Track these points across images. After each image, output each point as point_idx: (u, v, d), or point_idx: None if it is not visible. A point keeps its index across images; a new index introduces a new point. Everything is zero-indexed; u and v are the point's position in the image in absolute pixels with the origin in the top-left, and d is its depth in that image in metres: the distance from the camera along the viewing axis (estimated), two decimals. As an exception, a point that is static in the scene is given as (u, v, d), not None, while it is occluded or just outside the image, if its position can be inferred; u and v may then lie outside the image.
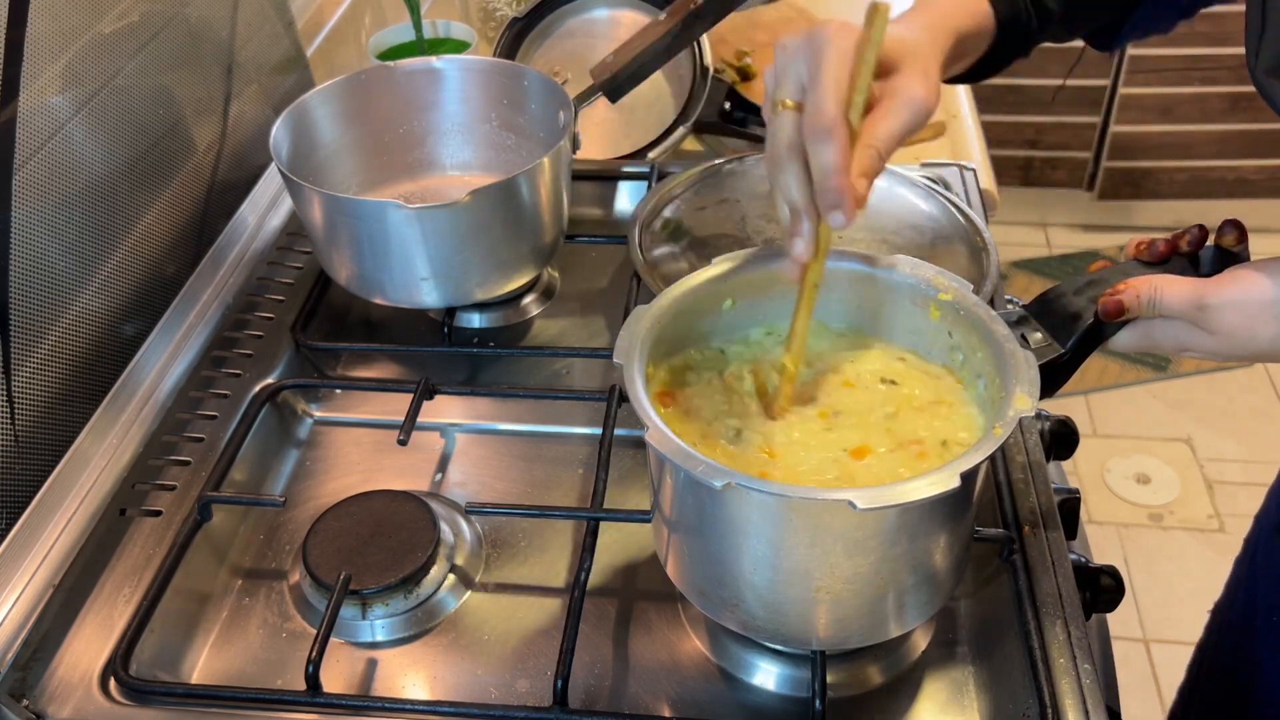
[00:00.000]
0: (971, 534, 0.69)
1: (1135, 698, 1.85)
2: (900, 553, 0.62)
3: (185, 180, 1.01)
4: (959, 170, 1.12)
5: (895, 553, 0.61)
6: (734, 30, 1.52)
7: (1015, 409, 0.60)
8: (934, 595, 0.67)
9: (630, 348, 0.67)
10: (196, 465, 0.83)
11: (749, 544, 0.62)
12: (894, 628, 0.67)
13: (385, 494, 0.81)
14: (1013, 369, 0.63)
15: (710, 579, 0.67)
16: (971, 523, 0.68)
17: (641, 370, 0.66)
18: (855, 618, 0.65)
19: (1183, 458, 2.25)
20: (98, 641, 0.72)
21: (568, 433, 0.90)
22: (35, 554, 0.75)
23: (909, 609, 0.66)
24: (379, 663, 0.73)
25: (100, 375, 0.87)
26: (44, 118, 0.82)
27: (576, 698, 0.70)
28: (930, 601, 0.67)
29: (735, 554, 0.63)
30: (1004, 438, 0.59)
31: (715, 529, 0.64)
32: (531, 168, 0.89)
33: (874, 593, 0.63)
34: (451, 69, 1.04)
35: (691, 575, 0.69)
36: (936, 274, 0.71)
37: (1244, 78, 1.31)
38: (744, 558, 0.63)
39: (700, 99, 1.19)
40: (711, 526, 0.64)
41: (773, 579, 0.63)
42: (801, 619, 0.65)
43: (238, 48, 1.10)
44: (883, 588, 0.63)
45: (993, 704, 0.69)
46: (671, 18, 0.99)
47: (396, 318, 1.02)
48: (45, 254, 0.82)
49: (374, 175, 1.06)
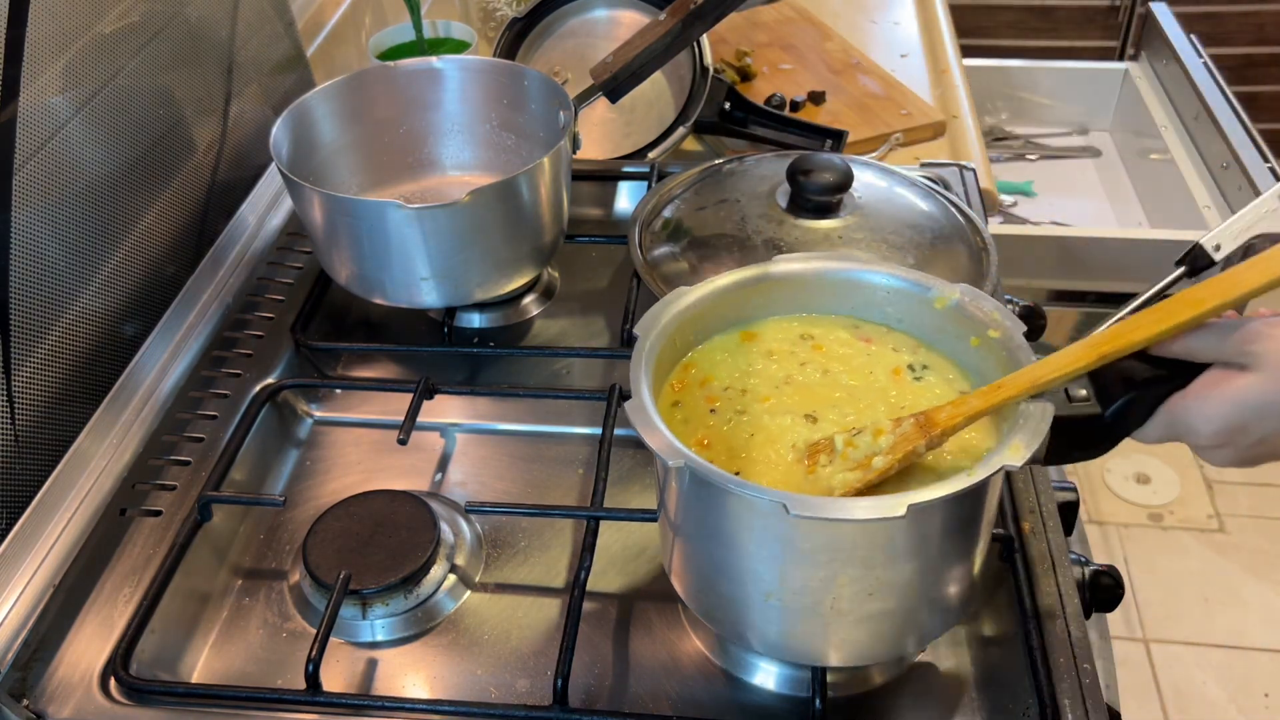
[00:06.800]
0: (971, 566, 0.66)
1: (1135, 698, 1.85)
2: (844, 575, 0.61)
3: (185, 180, 1.01)
4: (959, 170, 1.12)
5: (842, 571, 0.60)
6: (734, 30, 1.52)
7: (1003, 458, 0.58)
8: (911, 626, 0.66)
9: (652, 325, 0.68)
10: (196, 465, 0.83)
11: (703, 525, 0.63)
12: (834, 657, 0.66)
13: (385, 494, 0.81)
14: (1024, 416, 0.61)
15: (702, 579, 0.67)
16: (974, 553, 0.66)
17: (653, 353, 0.66)
18: (800, 633, 0.65)
19: (1183, 458, 2.25)
20: (98, 641, 0.72)
21: (568, 433, 0.90)
22: (35, 554, 0.75)
23: (868, 637, 0.65)
24: (379, 662, 0.73)
25: (100, 375, 0.87)
26: (44, 118, 0.82)
27: (576, 697, 0.70)
28: (901, 632, 0.65)
29: (697, 541, 0.64)
30: (971, 483, 0.57)
31: (688, 517, 0.64)
32: (531, 168, 0.89)
33: (812, 601, 0.62)
34: (451, 69, 1.04)
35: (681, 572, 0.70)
36: (994, 309, 0.69)
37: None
38: (706, 546, 0.64)
39: (700, 99, 1.19)
40: (684, 514, 0.64)
41: (723, 575, 0.64)
42: (748, 623, 0.66)
43: (238, 48, 1.10)
44: (820, 598, 0.62)
45: (993, 704, 0.69)
46: (671, 18, 1.00)
47: (396, 318, 1.02)
48: (45, 254, 0.82)
49: (374, 175, 1.06)
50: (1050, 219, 1.91)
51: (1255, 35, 2.51)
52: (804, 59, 1.46)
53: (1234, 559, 2.08)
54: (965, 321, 0.69)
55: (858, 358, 0.72)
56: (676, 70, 1.20)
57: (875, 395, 0.70)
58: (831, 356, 0.72)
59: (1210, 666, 1.90)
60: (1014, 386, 0.62)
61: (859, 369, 0.71)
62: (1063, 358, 0.62)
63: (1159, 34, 2.05)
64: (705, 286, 0.72)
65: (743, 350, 0.73)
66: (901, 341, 0.73)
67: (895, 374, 0.71)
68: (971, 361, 0.70)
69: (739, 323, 0.74)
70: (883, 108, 1.34)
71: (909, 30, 1.60)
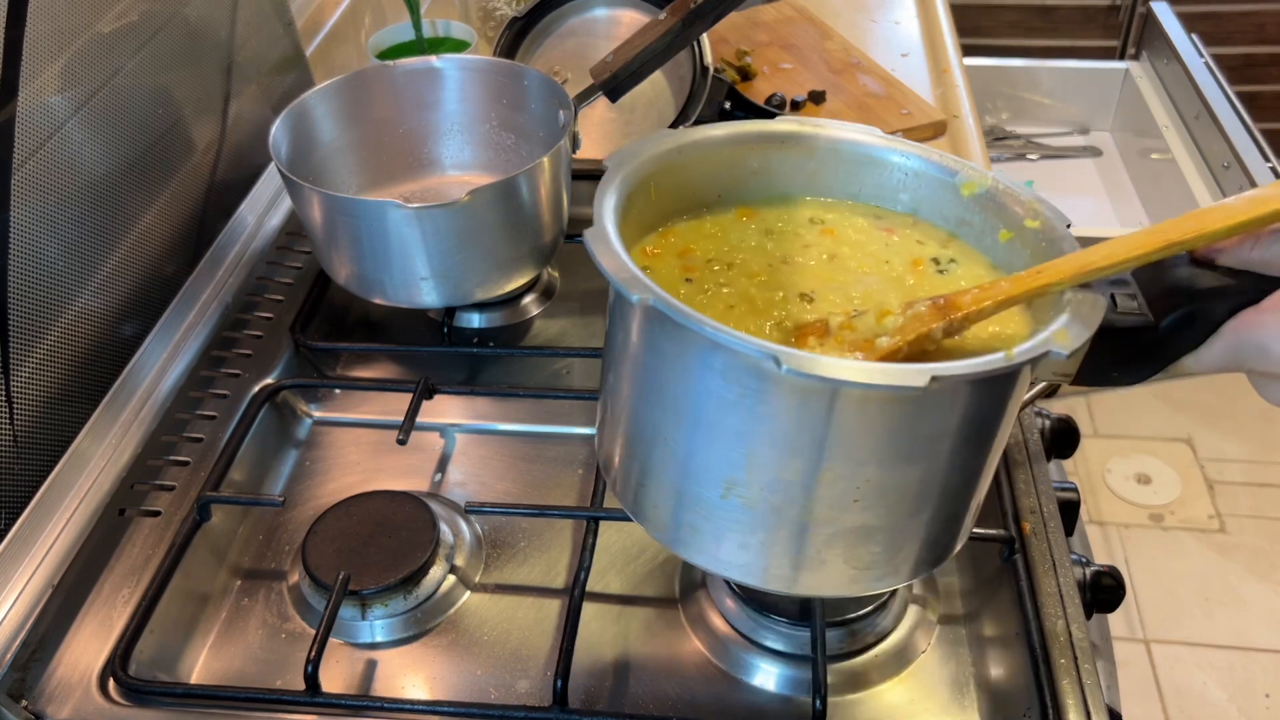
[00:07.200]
0: (976, 489, 0.57)
1: (1136, 699, 1.85)
2: (828, 469, 0.51)
3: (184, 180, 1.01)
4: (959, 170, 1.12)
5: (826, 463, 0.51)
6: (734, 30, 1.52)
7: (1048, 342, 0.48)
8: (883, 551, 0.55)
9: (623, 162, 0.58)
10: (195, 465, 0.83)
11: (656, 387, 0.53)
12: (795, 582, 0.56)
13: (385, 494, 0.81)
14: (1071, 305, 0.51)
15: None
16: (982, 473, 0.56)
17: (624, 188, 0.57)
18: (759, 543, 0.55)
19: (1183, 458, 2.25)
20: (97, 642, 0.72)
21: (568, 433, 0.90)
22: (34, 554, 0.74)
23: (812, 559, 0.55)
24: (378, 663, 0.73)
25: (99, 375, 0.87)
26: (43, 117, 0.81)
27: (576, 698, 0.70)
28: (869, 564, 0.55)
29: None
30: (1011, 364, 0.47)
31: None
32: (531, 167, 0.89)
33: (782, 501, 0.52)
34: (451, 68, 1.04)
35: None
36: (1032, 198, 0.60)
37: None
38: (654, 416, 0.54)
39: (700, 98, 1.19)
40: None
41: (674, 458, 0.54)
42: (696, 527, 0.56)
43: (237, 47, 1.10)
44: (792, 497, 0.52)
45: (993, 704, 0.69)
46: (671, 17, 0.99)
47: (396, 318, 1.02)
48: (44, 253, 0.81)
49: (373, 175, 1.06)
50: (1051, 219, 1.90)
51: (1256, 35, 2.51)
52: (804, 58, 1.46)
53: (1235, 559, 2.08)
54: (997, 211, 0.60)
55: (873, 244, 0.62)
56: (676, 70, 1.20)
57: (889, 284, 0.59)
58: (843, 241, 0.62)
59: (1211, 667, 1.90)
60: (1057, 271, 0.52)
61: (873, 256, 0.61)
62: (1121, 244, 0.52)
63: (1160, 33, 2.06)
64: (695, 133, 0.62)
65: (738, 226, 0.63)
66: (930, 234, 0.63)
67: (915, 264, 0.61)
68: (1002, 260, 0.60)
69: (738, 197, 0.64)
70: (883, 107, 1.34)
71: (909, 29, 1.60)
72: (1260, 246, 0.51)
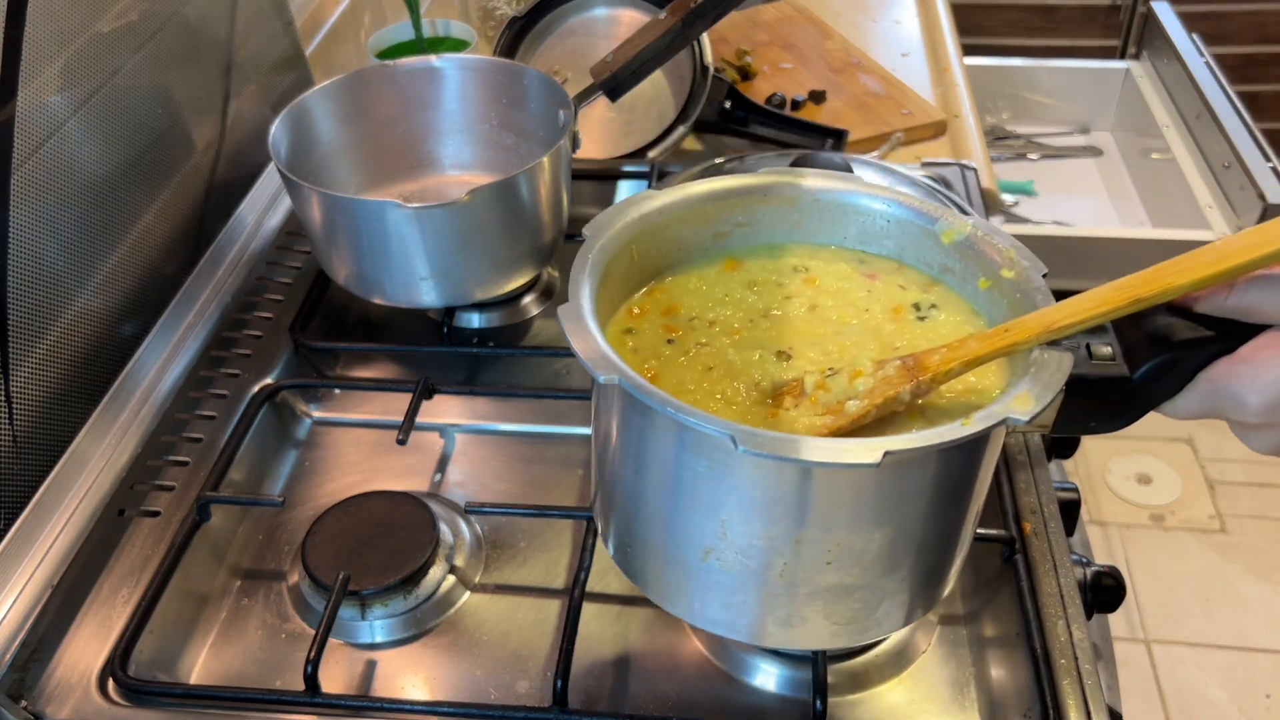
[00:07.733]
0: (954, 546, 0.59)
1: (1137, 699, 1.85)
2: (799, 535, 0.52)
3: (184, 180, 1.00)
4: (960, 169, 1.12)
5: (797, 530, 0.52)
6: (734, 29, 1.52)
7: (1006, 408, 0.48)
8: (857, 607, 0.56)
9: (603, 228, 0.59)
10: (195, 465, 0.83)
11: (634, 461, 0.55)
12: (774, 637, 0.57)
13: (384, 494, 0.81)
14: (1036, 365, 0.51)
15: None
16: (960, 531, 0.58)
17: (602, 259, 0.58)
18: (739, 603, 0.56)
19: (1184, 458, 2.25)
20: (96, 642, 0.71)
21: (568, 433, 0.90)
22: (33, 554, 0.74)
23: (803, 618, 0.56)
24: (378, 663, 0.73)
25: (98, 375, 0.87)
26: (42, 117, 0.81)
27: (576, 698, 0.69)
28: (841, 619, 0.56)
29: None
30: (966, 434, 0.47)
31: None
32: (531, 167, 0.89)
33: (758, 565, 0.53)
34: (451, 68, 1.04)
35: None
36: (1010, 245, 0.60)
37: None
38: (636, 488, 0.55)
39: (700, 98, 1.19)
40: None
41: (655, 525, 0.56)
42: (680, 586, 0.58)
43: (236, 47, 1.10)
44: (767, 561, 0.53)
45: (993, 704, 0.69)
46: (672, 16, 0.99)
47: (395, 317, 1.02)
48: (43, 253, 0.81)
49: (373, 175, 1.06)
50: (1052, 218, 1.90)
51: (1257, 34, 2.50)
52: (805, 58, 1.46)
53: (1235, 560, 2.08)
54: (976, 259, 0.60)
55: (855, 291, 0.62)
56: (677, 69, 1.20)
57: (867, 334, 0.60)
58: (824, 291, 0.62)
59: (1212, 667, 1.90)
60: (1023, 330, 0.52)
61: (853, 304, 0.62)
62: (1086, 300, 0.52)
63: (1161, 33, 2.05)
64: (675, 192, 0.62)
65: (722, 280, 0.64)
66: (913, 279, 0.63)
67: (895, 311, 0.61)
68: (983, 307, 0.60)
69: (724, 248, 0.65)
70: (884, 107, 1.34)
71: (910, 29, 1.60)
72: (1235, 294, 0.51)
